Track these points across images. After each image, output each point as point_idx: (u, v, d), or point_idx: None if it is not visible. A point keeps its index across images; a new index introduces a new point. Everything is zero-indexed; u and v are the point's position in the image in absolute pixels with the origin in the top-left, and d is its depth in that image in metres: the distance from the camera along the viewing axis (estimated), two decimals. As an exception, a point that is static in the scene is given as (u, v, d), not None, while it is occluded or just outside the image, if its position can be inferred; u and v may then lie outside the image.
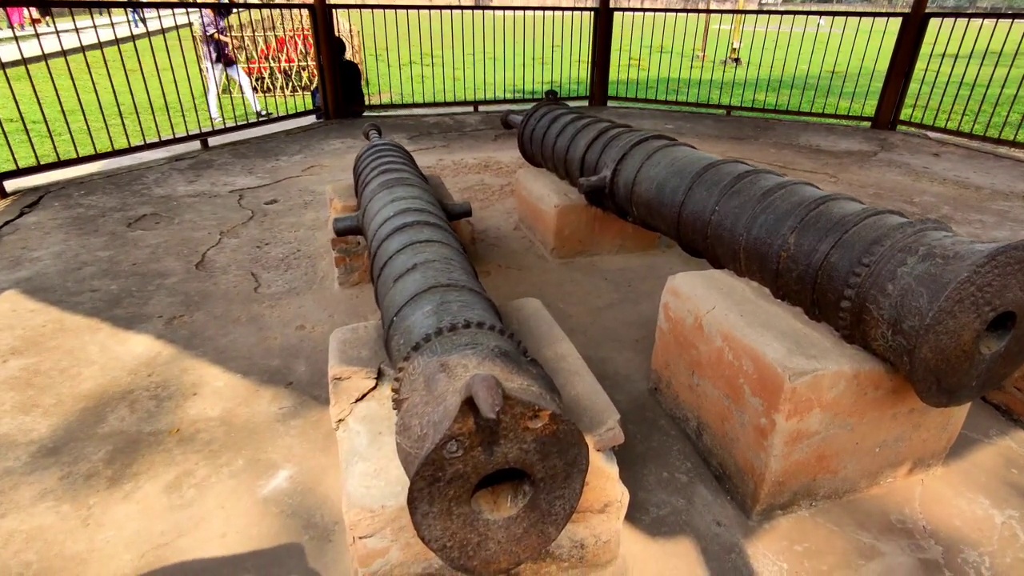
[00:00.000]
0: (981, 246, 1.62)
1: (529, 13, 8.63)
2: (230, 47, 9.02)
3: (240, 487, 2.21)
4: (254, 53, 11.82)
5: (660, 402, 2.63)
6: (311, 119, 8.30)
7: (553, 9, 8.93)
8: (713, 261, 2.60)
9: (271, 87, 11.86)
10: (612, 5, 8.49)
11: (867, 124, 7.78)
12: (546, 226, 3.95)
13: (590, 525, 1.74)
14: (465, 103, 8.90)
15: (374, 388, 1.89)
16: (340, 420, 1.82)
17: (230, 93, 10.60)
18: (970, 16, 6.95)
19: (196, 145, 6.82)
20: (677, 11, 8.90)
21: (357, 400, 1.85)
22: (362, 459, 1.65)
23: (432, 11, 8.57)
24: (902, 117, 7.53)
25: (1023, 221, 4.79)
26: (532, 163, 4.64)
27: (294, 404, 2.65)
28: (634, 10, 8.89)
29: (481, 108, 8.90)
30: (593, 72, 8.90)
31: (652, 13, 9.15)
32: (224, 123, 7.14)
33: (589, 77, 9.01)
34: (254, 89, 10.26)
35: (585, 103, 9.18)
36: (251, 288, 3.66)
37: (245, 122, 7.33)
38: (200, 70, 9.59)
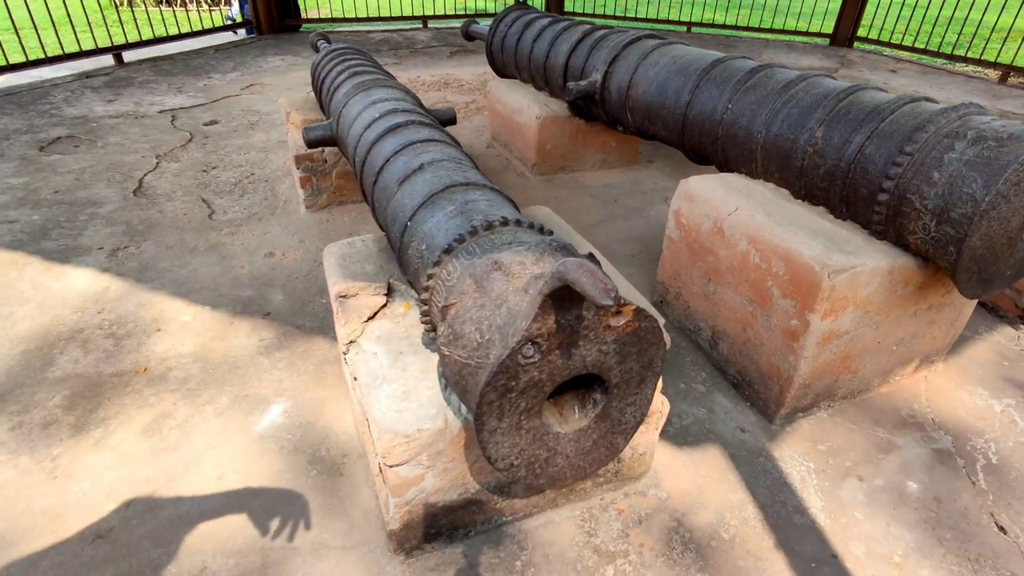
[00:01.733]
0: (1037, 126, 1.54)
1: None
2: None
3: (230, 425, 2.00)
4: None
5: (667, 314, 2.55)
6: (241, 33, 7.47)
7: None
8: (722, 165, 2.46)
9: (185, 1, 10.57)
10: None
11: (826, 41, 7.72)
12: (526, 141, 3.70)
13: (631, 437, 1.64)
14: (412, 18, 8.22)
15: (385, 305, 1.69)
16: (351, 342, 1.61)
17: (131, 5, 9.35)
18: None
19: (107, 61, 6.01)
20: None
21: (368, 319, 1.64)
22: (386, 381, 1.47)
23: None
24: (859, 35, 7.50)
25: (980, 132, 4.91)
26: (502, 74, 4.32)
27: (276, 335, 2.41)
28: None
29: (431, 24, 8.25)
30: (548, -16, 8.36)
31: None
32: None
33: (544, -10, 8.46)
34: (181, 2, 9.07)
35: (540, 19, 8.65)
36: (204, 215, 3.28)
37: (165, 35, 6.49)
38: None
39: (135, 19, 6.81)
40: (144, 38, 6.32)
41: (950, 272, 1.67)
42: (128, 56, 6.15)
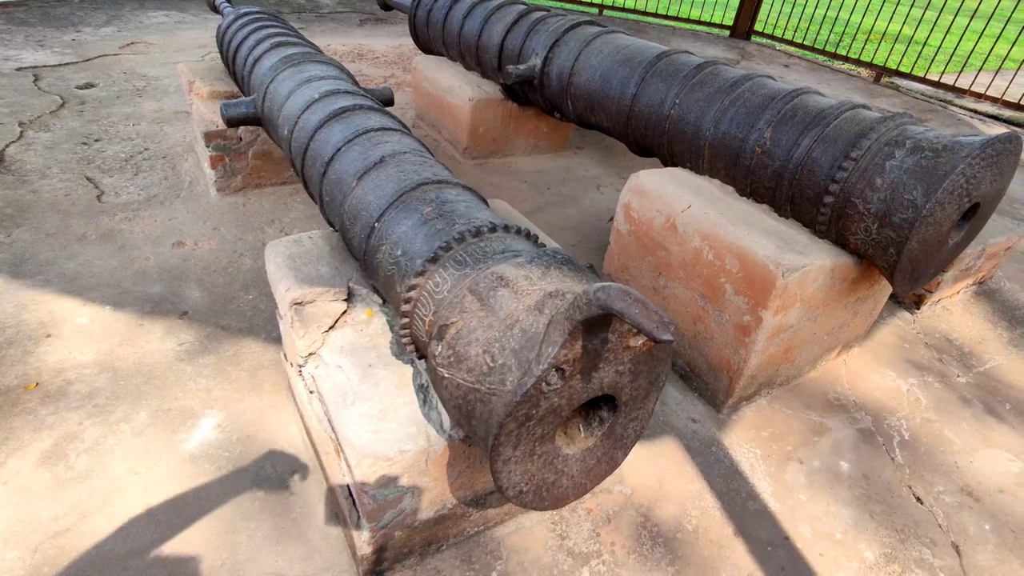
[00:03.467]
0: (966, 138, 1.68)
1: None
2: None
3: (153, 446, 1.76)
4: None
5: (613, 306, 2.57)
6: (113, -18, 6.53)
7: None
8: (667, 159, 2.50)
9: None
10: None
11: (726, 32, 8.13)
12: (457, 123, 3.56)
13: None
14: (314, -22, 7.61)
15: (345, 312, 1.54)
16: (311, 354, 1.46)
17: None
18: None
19: (-55, 4, 5.04)
20: None
21: (329, 328, 1.49)
22: (359, 399, 1.34)
23: None
24: (756, 29, 7.97)
25: (863, 128, 5.40)
26: (426, 50, 4.11)
27: (197, 338, 2.15)
28: None
29: (335, -14, 7.68)
30: (461, -46, 8.06)
31: None
32: None
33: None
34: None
35: (452, -10, 8.34)
36: (91, 196, 2.84)
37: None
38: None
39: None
40: (-11, -22, 5.34)
41: (888, 271, 1.80)
42: (-32, -2, 5.19)
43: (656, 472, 1.91)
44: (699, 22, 8.19)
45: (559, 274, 1.09)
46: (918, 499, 1.95)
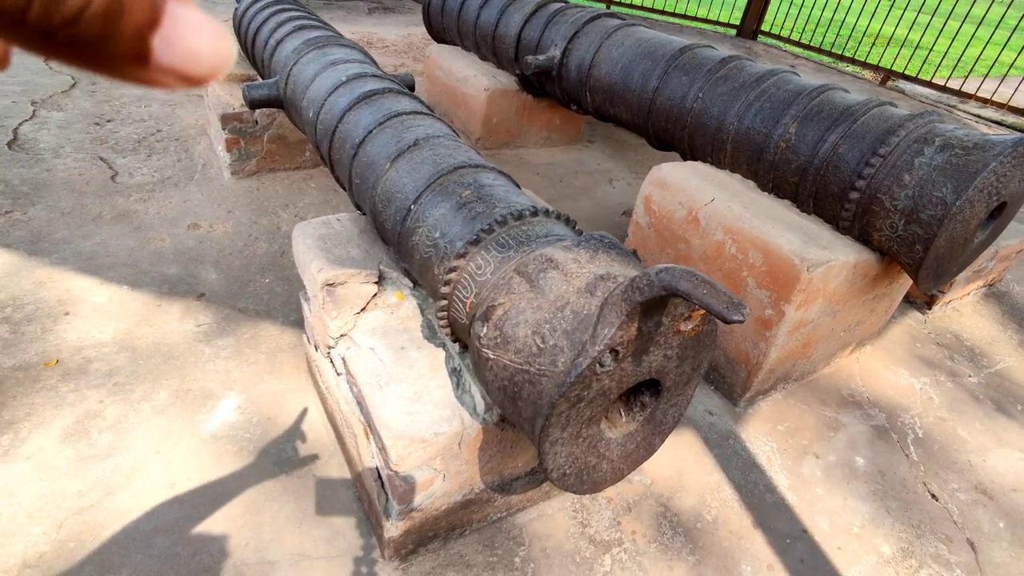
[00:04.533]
0: (997, 137, 1.69)
1: None
2: None
3: (174, 425, 1.75)
4: None
5: (629, 299, 2.58)
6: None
7: None
8: (687, 152, 2.50)
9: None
10: None
11: (733, 32, 8.13)
12: (471, 113, 3.54)
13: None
14: (323, -34, 7.55)
15: (375, 295, 1.54)
16: (342, 335, 1.45)
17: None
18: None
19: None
20: None
21: (361, 311, 1.48)
22: (393, 381, 1.34)
23: None
24: (762, 29, 7.97)
25: (870, 131, 5.43)
26: (439, 40, 4.09)
27: (215, 319, 2.14)
28: None
29: (343, -26, 7.63)
30: (470, -55, 8.02)
31: None
32: None
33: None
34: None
35: (460, -18, 8.31)
36: (106, 177, 2.82)
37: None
38: None
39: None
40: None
41: (912, 268, 1.81)
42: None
43: (675, 463, 1.92)
44: (706, 20, 8.19)
45: (607, 258, 1.09)
46: (933, 496, 1.97)
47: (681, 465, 1.92)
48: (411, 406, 1.29)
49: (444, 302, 1.26)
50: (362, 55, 2.25)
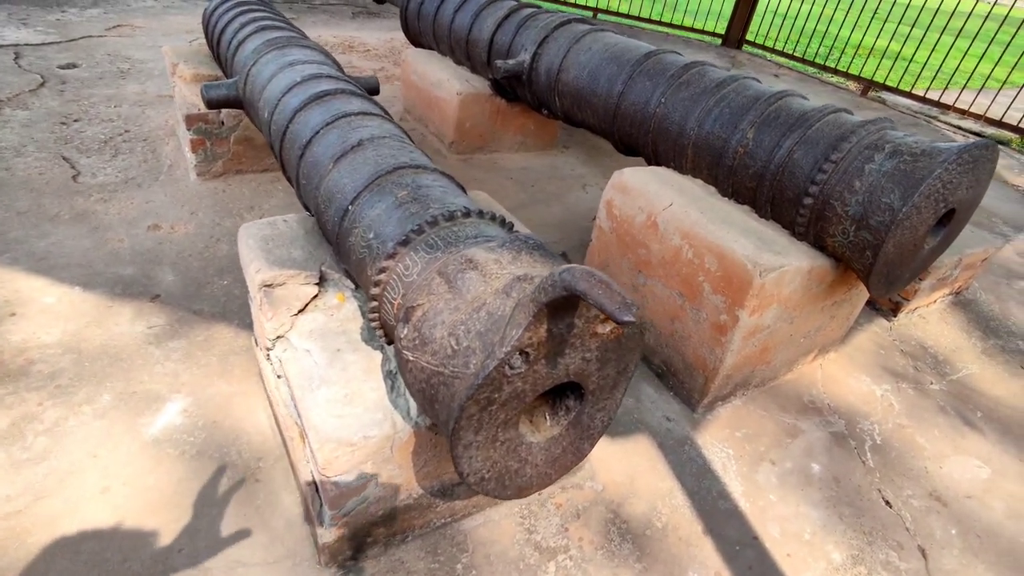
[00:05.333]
0: (943, 144, 1.69)
1: None
2: None
3: (115, 429, 1.72)
4: None
5: (593, 304, 2.57)
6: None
7: None
8: (651, 157, 2.50)
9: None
10: None
11: (718, 41, 8.18)
12: (444, 117, 3.54)
13: (576, 433, 1.62)
14: (309, -30, 7.55)
15: (315, 296, 1.52)
16: (279, 337, 1.43)
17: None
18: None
19: (-75, -21, 4.93)
20: None
21: (299, 312, 1.46)
22: (325, 383, 1.32)
23: None
24: (747, 38, 8.04)
25: (849, 140, 5.47)
26: (417, 44, 4.08)
27: (168, 321, 2.11)
28: None
29: (329, -21, 7.63)
30: (457, -48, 8.06)
31: None
32: None
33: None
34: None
35: (447, -12, 8.33)
36: (67, 176, 2.79)
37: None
38: None
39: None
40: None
41: (863, 274, 1.81)
42: (-49, -27, 5.07)
43: (628, 469, 1.90)
44: (692, 29, 8.24)
45: (530, 259, 1.08)
46: (887, 503, 1.96)
47: (634, 471, 1.90)
48: (342, 409, 1.27)
49: (375, 303, 1.24)
50: (321, 56, 2.24)
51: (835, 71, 7.26)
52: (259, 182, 3.00)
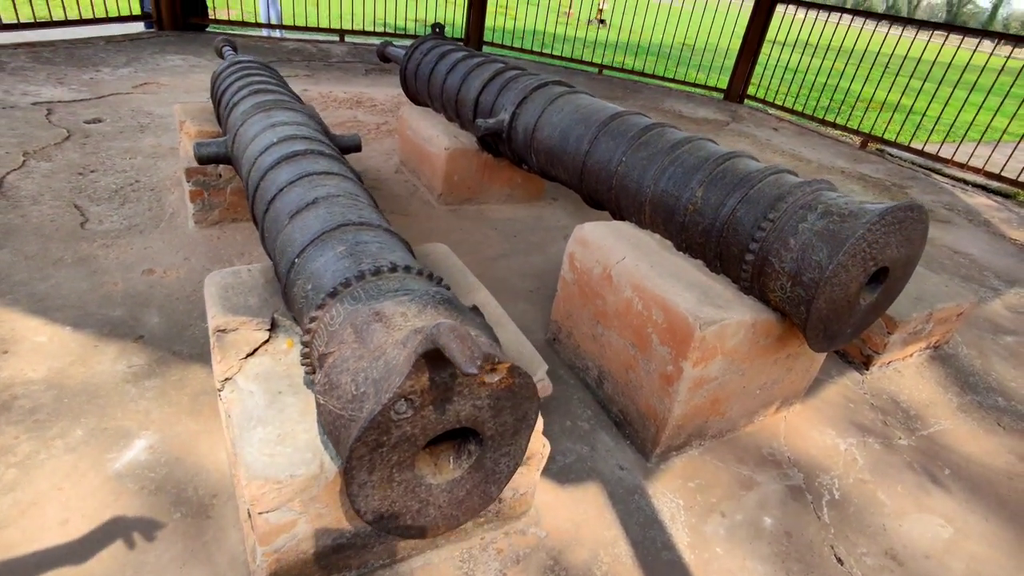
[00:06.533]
0: (871, 206, 1.77)
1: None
2: None
3: (82, 463, 1.82)
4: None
5: (559, 352, 2.64)
6: (139, 26, 6.98)
7: (428, -62, 8.31)
8: (615, 212, 2.61)
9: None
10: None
11: (720, 95, 8.42)
12: (434, 170, 3.72)
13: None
14: (330, 30, 8.06)
15: (267, 341, 1.63)
16: (227, 379, 1.54)
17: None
18: (808, 5, 7.72)
19: (-24, 41, 5.41)
20: (555, -39, 8.78)
21: (248, 355, 1.57)
22: (261, 423, 1.41)
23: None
24: (749, 92, 8.26)
25: (842, 193, 5.53)
26: (415, 101, 4.33)
27: (148, 361, 2.24)
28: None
29: (348, 38, 8.13)
30: (470, 14, 8.53)
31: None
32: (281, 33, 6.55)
33: (465, 19, 8.63)
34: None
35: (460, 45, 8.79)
36: (76, 223, 3.00)
37: (48, 19, 5.92)
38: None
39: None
40: (22, 20, 5.74)
41: (801, 328, 1.87)
42: (1, 38, 5.56)
43: (574, 516, 1.93)
44: (694, 84, 8.50)
45: (435, 312, 1.17)
46: (839, 559, 1.95)
47: (581, 518, 1.93)
48: (273, 448, 1.36)
49: (306, 349, 1.34)
50: (304, 117, 2.42)
51: (833, 124, 7.39)
52: (251, 229, 3.17)
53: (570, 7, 17.85)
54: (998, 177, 6.07)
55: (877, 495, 2.22)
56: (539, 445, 1.69)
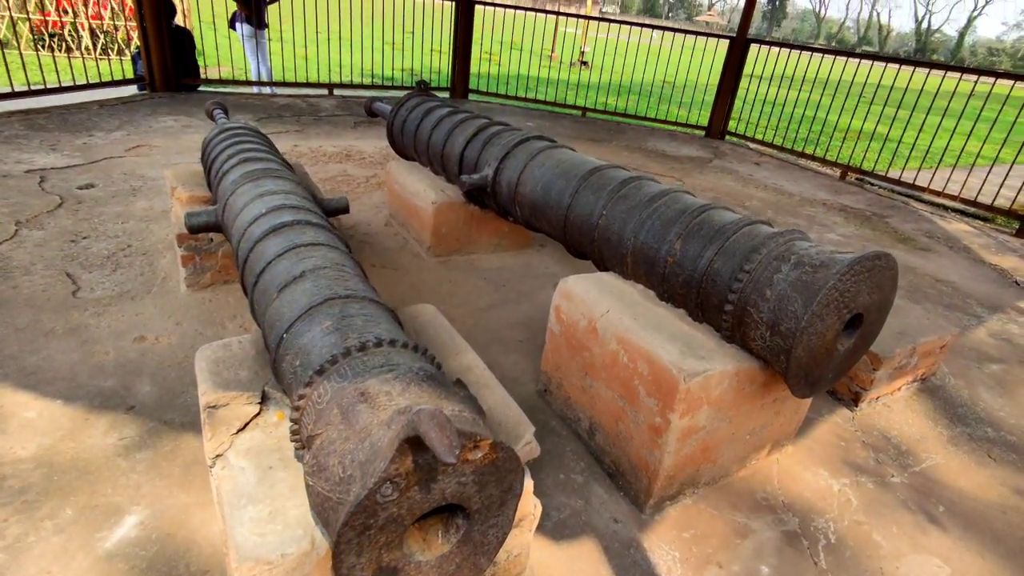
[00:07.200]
0: (840, 256, 1.84)
1: (386, -4, 8.24)
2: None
3: (72, 544, 1.81)
4: (48, 3, 9.91)
5: (550, 403, 2.66)
6: (132, 89, 7.16)
7: (411, -6, 8.64)
8: (599, 263, 2.67)
9: (70, 47, 10.03)
10: (471, -2, 8.44)
11: (701, 132, 8.66)
12: (422, 223, 3.80)
13: (505, 542, 1.68)
14: (318, 85, 8.29)
15: (257, 414, 1.65)
16: (218, 455, 1.55)
17: (16, 49, 8.76)
18: (780, 45, 8.03)
19: (-29, 111, 5.53)
20: (535, 11, 9.14)
21: (238, 431, 1.59)
22: (251, 501, 1.42)
23: (279, -19, 7.85)
24: (729, 128, 8.50)
25: (826, 224, 5.66)
26: (402, 155, 4.44)
27: (139, 433, 2.24)
28: (494, 4, 8.90)
29: (336, 92, 8.35)
30: (454, 64, 8.80)
31: (504, 10, 9.22)
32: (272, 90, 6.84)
33: (451, 69, 8.89)
34: (65, 48, 8.61)
35: (446, 94, 9.05)
36: (67, 292, 3.03)
37: (43, 86, 6.07)
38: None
39: (5, 64, 6.32)
40: (16, 87, 5.88)
41: (783, 376, 1.90)
42: (-5, 106, 5.69)
43: (569, 574, 1.93)
44: (676, 123, 8.74)
45: (418, 391, 1.21)
46: (837, 607, 1.94)
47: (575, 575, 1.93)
48: (263, 527, 1.36)
49: (296, 426, 1.37)
50: (292, 185, 2.49)
51: (813, 157, 7.58)
52: (242, 292, 3.21)
53: (552, 50, 18.43)
54: (974, 203, 6.22)
55: (873, 536, 2.22)
56: (530, 506, 1.70)
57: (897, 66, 6.90)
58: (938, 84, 6.37)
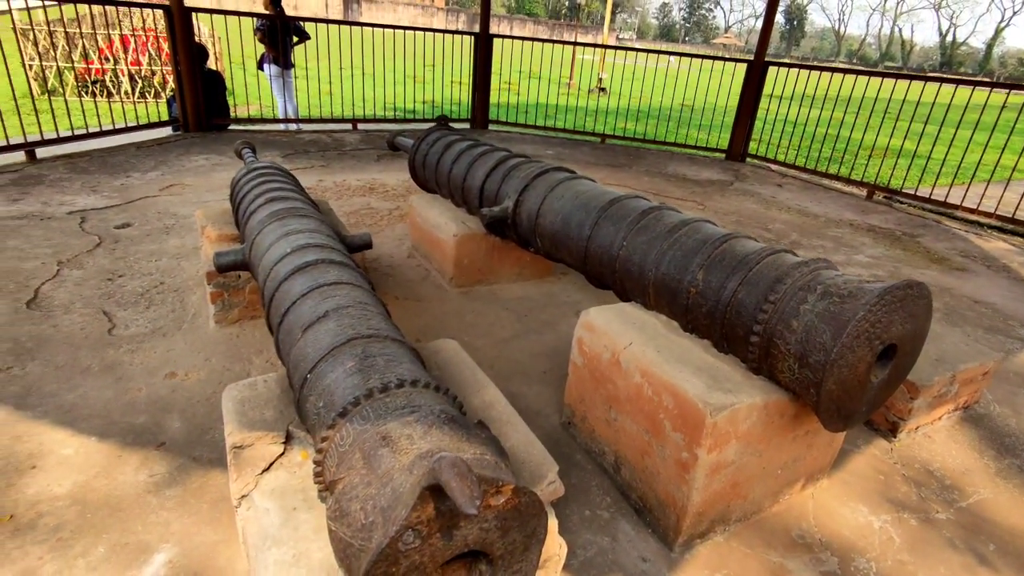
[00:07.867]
0: (870, 285, 1.79)
1: (401, 32, 8.48)
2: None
3: (104, 582, 1.83)
4: (91, 52, 10.45)
5: (575, 436, 2.62)
6: (167, 131, 7.46)
7: (431, 30, 8.88)
8: (621, 294, 2.65)
9: (111, 92, 10.53)
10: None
11: (722, 156, 8.63)
12: (444, 255, 3.84)
13: (530, 585, 1.65)
14: (342, 120, 8.52)
15: (282, 454, 1.66)
16: (243, 496, 1.56)
17: (62, 95, 9.23)
18: (799, 67, 8.01)
19: (18, 156, 5.81)
20: (552, 41, 9.30)
21: (263, 471, 1.60)
22: (276, 543, 1.42)
23: (301, 23, 8.15)
24: (750, 151, 8.45)
25: (853, 246, 5.55)
26: (424, 188, 4.52)
27: (169, 469, 2.28)
28: (512, 37, 9.10)
29: (360, 126, 8.57)
30: (474, 95, 8.98)
31: (521, 41, 9.41)
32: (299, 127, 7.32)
33: (471, 100, 9.07)
34: (106, 93, 9.05)
35: (467, 125, 9.21)
36: (104, 330, 3.13)
37: (84, 131, 6.37)
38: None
39: (52, 110, 6.67)
40: (61, 133, 6.18)
41: (814, 409, 1.85)
42: (42, 152, 5.97)
43: (598, 618, 1.87)
44: (695, 147, 8.73)
45: (439, 434, 1.20)
46: (882, 654, 1.84)
47: (605, 620, 1.87)
48: (288, 570, 1.36)
49: (319, 468, 1.37)
50: (317, 223, 2.55)
51: (837, 177, 7.47)
52: (271, 326, 3.27)
53: (570, 79, 18.68)
54: (1012, 219, 6.04)
55: (917, 577, 2.12)
56: (556, 546, 1.67)
57: (922, 81, 6.81)
58: (967, 97, 6.25)
